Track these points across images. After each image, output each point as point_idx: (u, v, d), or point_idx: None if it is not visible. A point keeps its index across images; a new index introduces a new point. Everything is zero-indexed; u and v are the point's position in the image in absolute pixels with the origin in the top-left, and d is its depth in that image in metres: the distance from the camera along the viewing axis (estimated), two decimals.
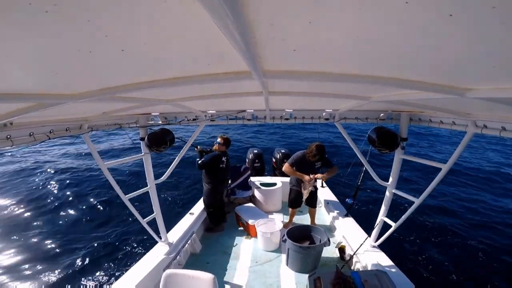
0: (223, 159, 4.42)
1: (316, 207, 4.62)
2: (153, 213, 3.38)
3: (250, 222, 4.40)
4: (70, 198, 7.92)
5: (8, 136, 1.63)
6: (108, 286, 3.17)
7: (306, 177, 4.01)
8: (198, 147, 4.41)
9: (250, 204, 5.17)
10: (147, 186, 3.33)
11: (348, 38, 0.69)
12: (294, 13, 0.55)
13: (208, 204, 4.57)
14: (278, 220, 4.35)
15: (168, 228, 3.85)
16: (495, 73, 0.82)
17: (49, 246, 5.70)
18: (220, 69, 1.10)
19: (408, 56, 0.81)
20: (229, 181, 5.33)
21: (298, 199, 4.36)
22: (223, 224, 4.78)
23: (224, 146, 4.44)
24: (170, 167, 3.55)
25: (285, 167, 4.18)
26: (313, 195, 4.39)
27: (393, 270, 3.06)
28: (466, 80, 1.01)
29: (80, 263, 5.12)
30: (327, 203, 5.18)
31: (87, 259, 5.25)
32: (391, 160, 3.15)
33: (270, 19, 0.59)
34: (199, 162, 4.25)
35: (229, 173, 4.90)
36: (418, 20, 0.54)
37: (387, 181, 3.18)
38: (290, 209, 4.61)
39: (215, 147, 4.44)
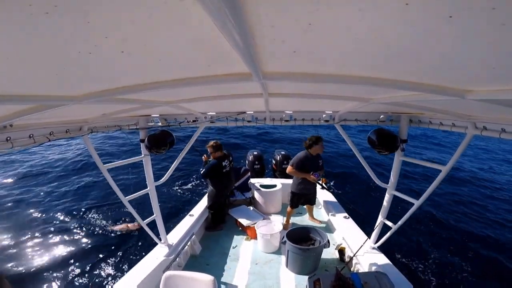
0: (224, 163, 4.41)
1: (314, 203, 4.78)
2: (153, 214, 3.37)
3: (245, 223, 4.49)
4: (69, 199, 7.92)
5: (8, 138, 1.63)
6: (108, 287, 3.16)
7: (311, 177, 4.04)
8: (205, 156, 4.49)
9: (244, 206, 5.22)
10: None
11: (348, 40, 0.69)
12: (295, 15, 0.56)
13: (210, 205, 4.68)
14: (278, 222, 4.34)
15: (168, 229, 3.85)
16: (495, 74, 0.82)
17: (48, 247, 5.69)
18: (220, 71, 1.09)
19: (408, 58, 0.81)
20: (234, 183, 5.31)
21: (300, 201, 4.48)
22: (222, 225, 4.83)
23: (218, 152, 4.41)
24: (170, 169, 3.54)
25: (289, 169, 4.21)
26: (314, 194, 4.60)
27: (393, 271, 3.05)
28: (466, 82, 1.00)
29: (79, 265, 5.10)
30: (327, 203, 5.18)
31: (87, 260, 5.23)
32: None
33: (271, 21, 0.59)
34: (202, 172, 4.39)
35: (233, 175, 4.92)
36: (418, 21, 0.54)
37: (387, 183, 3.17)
38: (288, 209, 4.59)
39: (211, 156, 4.45)
